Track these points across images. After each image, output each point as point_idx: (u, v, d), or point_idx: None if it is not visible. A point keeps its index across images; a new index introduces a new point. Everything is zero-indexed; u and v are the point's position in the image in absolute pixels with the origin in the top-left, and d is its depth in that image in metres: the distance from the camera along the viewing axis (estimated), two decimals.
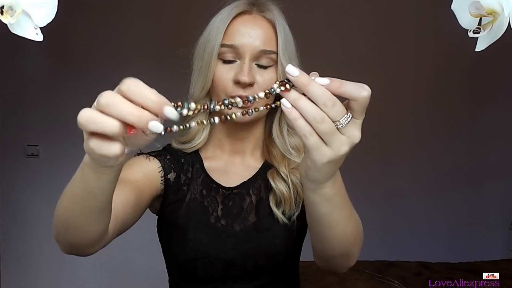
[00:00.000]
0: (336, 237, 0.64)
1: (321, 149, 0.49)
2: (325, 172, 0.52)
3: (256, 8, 0.91)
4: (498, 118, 3.10)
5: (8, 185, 2.83)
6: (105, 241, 0.71)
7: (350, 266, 0.76)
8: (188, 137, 0.96)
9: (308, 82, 0.47)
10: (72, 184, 0.58)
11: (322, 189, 0.56)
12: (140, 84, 0.44)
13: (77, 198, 0.59)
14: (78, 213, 0.61)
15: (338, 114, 0.48)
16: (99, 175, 0.54)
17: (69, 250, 0.70)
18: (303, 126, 0.48)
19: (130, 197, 0.80)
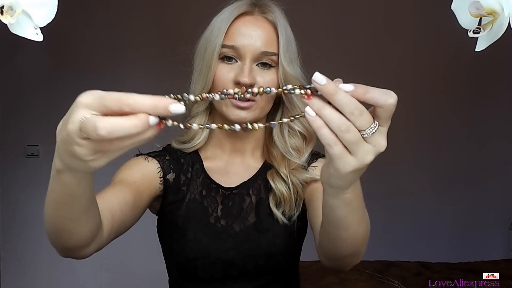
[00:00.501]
0: (350, 238, 0.64)
1: (346, 158, 0.47)
2: (348, 180, 0.51)
3: (258, 9, 0.90)
4: (498, 118, 3.10)
5: (8, 185, 2.83)
6: (101, 242, 0.70)
7: (356, 264, 0.76)
8: (188, 137, 0.96)
9: (335, 90, 0.45)
10: (51, 192, 0.57)
11: (343, 195, 0.55)
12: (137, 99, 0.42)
13: (60, 204, 0.57)
14: (65, 217, 0.60)
15: (365, 123, 0.46)
16: (77, 178, 0.52)
17: (65, 253, 0.69)
18: (328, 135, 0.46)
19: (128, 198, 0.80)
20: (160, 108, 0.42)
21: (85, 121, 0.42)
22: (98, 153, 0.45)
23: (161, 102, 0.42)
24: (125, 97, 0.42)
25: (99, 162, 0.46)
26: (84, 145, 0.44)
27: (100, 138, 0.42)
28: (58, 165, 0.50)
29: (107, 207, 0.71)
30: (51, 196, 0.57)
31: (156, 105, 0.42)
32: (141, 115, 0.42)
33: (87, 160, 0.45)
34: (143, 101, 0.42)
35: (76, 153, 0.45)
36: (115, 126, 0.41)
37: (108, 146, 0.44)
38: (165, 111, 0.42)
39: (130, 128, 0.42)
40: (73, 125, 0.44)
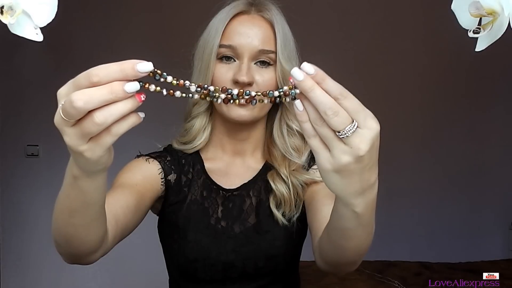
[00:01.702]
0: (352, 248, 0.63)
1: (323, 153, 0.48)
2: (341, 185, 0.49)
3: (254, 8, 0.90)
4: (498, 118, 3.10)
5: (8, 185, 2.83)
6: (107, 248, 0.71)
7: (351, 271, 0.76)
8: (189, 137, 0.96)
9: (311, 88, 0.45)
10: (66, 199, 0.58)
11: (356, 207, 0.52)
12: (103, 67, 0.43)
13: (74, 211, 0.58)
14: (78, 225, 0.60)
15: (339, 124, 0.45)
16: (96, 182, 0.53)
17: (72, 260, 0.70)
18: (307, 128, 0.47)
19: (130, 201, 0.80)
20: (127, 69, 0.43)
21: (63, 104, 0.43)
22: (86, 139, 0.45)
23: (127, 63, 0.43)
24: (92, 69, 0.43)
25: (94, 151, 0.46)
26: (71, 133, 0.45)
27: (78, 111, 0.42)
28: (75, 171, 0.52)
29: (111, 212, 0.71)
30: (64, 204, 0.58)
31: (123, 68, 0.43)
32: (114, 82, 0.43)
33: (82, 152, 0.46)
34: (109, 67, 0.43)
35: (69, 146, 0.46)
36: (90, 95, 0.42)
37: (91, 127, 0.44)
38: (133, 71, 0.43)
39: (104, 95, 0.42)
40: (57, 116, 0.45)
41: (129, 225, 0.80)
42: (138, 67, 0.43)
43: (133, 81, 0.44)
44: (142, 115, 0.46)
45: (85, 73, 0.43)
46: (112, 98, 0.43)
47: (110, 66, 0.43)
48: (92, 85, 0.43)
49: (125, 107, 0.44)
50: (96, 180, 0.53)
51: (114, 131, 0.45)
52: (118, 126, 0.45)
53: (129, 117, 0.45)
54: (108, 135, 0.45)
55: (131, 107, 0.44)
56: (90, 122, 0.43)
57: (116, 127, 0.45)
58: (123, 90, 0.43)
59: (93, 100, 0.42)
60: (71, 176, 0.53)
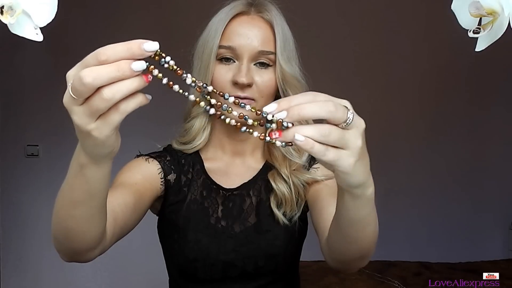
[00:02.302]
0: (365, 237, 0.63)
1: (342, 155, 0.48)
2: (360, 171, 0.50)
3: (254, 8, 0.90)
4: (498, 118, 3.10)
5: (8, 185, 2.83)
6: (105, 246, 0.71)
7: (363, 266, 0.75)
8: (188, 137, 0.96)
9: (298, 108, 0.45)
10: (69, 191, 0.58)
11: (367, 190, 0.54)
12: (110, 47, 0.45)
13: (77, 203, 0.59)
14: (80, 217, 0.60)
15: (343, 115, 0.46)
16: (101, 171, 0.54)
17: (70, 257, 0.70)
18: (319, 148, 0.46)
19: (129, 200, 0.80)
20: (134, 48, 0.44)
21: (72, 82, 0.45)
22: (95, 117, 0.46)
23: (134, 42, 0.44)
24: (100, 49, 0.44)
25: (102, 131, 0.47)
26: (80, 112, 0.46)
27: (87, 87, 0.43)
28: (82, 159, 0.53)
29: (109, 211, 0.71)
30: (67, 196, 0.59)
31: (130, 47, 0.44)
32: (122, 60, 0.44)
33: (89, 131, 0.47)
34: (117, 47, 0.44)
35: (78, 126, 0.47)
36: (98, 72, 0.43)
37: (99, 103, 0.44)
38: (140, 50, 0.44)
39: (111, 72, 0.43)
40: (66, 95, 0.46)
41: (127, 224, 0.80)
42: (144, 46, 0.44)
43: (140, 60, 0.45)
44: (149, 97, 0.47)
45: (93, 53, 0.45)
46: (119, 75, 0.44)
47: (117, 45, 0.44)
48: (99, 64, 0.44)
49: (132, 85, 0.45)
50: (102, 168, 0.54)
51: (122, 108, 0.46)
52: (126, 103, 0.46)
53: (137, 96, 0.46)
54: (116, 112, 0.46)
55: (138, 85, 0.45)
56: (98, 99, 0.44)
57: (124, 105, 0.46)
58: (130, 68, 0.44)
59: (101, 76, 0.43)
60: (77, 165, 0.54)
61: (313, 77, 0.95)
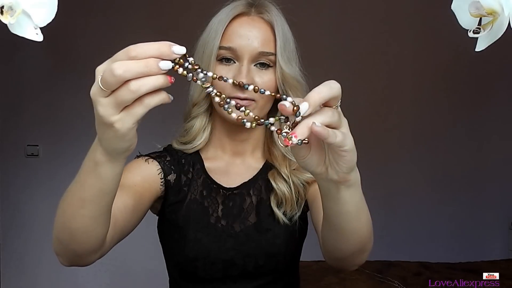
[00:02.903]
0: (362, 227, 0.64)
1: (345, 133, 0.50)
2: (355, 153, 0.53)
3: (254, 9, 0.90)
4: (498, 119, 3.10)
5: (8, 185, 2.83)
6: (104, 249, 0.71)
7: (362, 263, 0.75)
8: (189, 137, 0.96)
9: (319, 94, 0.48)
10: (79, 189, 0.59)
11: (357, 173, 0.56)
12: (142, 45, 0.48)
13: (87, 201, 0.59)
14: (87, 217, 0.61)
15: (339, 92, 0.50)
16: (116, 169, 0.56)
17: (70, 261, 0.70)
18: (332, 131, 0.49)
19: (129, 202, 0.81)
20: (163, 48, 0.47)
21: (103, 74, 0.47)
22: (120, 109, 0.48)
23: (164, 43, 0.48)
24: (131, 46, 0.48)
25: (125, 122, 0.49)
26: (106, 103, 0.48)
27: (117, 78, 0.46)
28: (98, 157, 0.55)
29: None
30: (77, 195, 0.60)
31: (160, 47, 0.47)
32: (151, 58, 0.47)
33: (113, 122, 0.49)
34: (148, 46, 0.47)
35: (102, 117, 0.49)
36: (129, 65, 0.46)
37: (125, 94, 0.47)
38: (169, 52, 0.47)
39: (140, 67, 0.47)
40: (94, 87, 0.49)
41: (127, 226, 0.81)
42: (173, 48, 0.48)
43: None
44: (172, 98, 0.51)
45: (124, 50, 0.48)
46: (147, 71, 0.47)
47: (148, 44, 0.47)
48: (129, 59, 0.47)
49: (157, 81, 0.48)
50: (116, 166, 0.56)
51: (146, 102, 0.48)
52: (150, 98, 0.49)
53: (160, 93, 0.49)
54: (140, 105, 0.49)
55: (163, 82, 0.48)
56: (125, 90, 0.47)
57: (148, 99, 0.49)
58: (157, 66, 0.47)
59: (131, 69, 0.46)
60: (92, 161, 0.56)
61: (313, 77, 0.95)
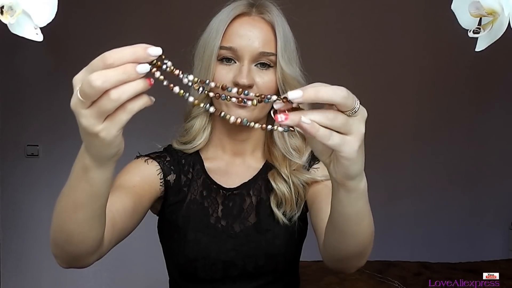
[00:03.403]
0: (363, 232, 0.64)
1: (347, 141, 0.49)
2: (360, 159, 0.52)
3: (255, 9, 0.90)
4: (498, 118, 3.10)
5: (8, 185, 2.83)
6: (102, 251, 0.71)
7: (361, 266, 0.75)
8: (189, 137, 0.96)
9: (317, 89, 0.47)
10: (72, 194, 0.58)
11: (361, 182, 0.56)
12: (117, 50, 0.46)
13: (79, 205, 0.59)
14: (81, 220, 0.61)
15: (352, 102, 0.48)
16: (105, 173, 0.55)
17: (68, 263, 0.69)
18: (324, 132, 0.48)
19: (128, 204, 0.80)
20: (139, 52, 0.46)
21: (81, 86, 0.47)
22: (103, 118, 0.48)
23: (139, 46, 0.47)
24: (106, 53, 0.47)
25: (110, 131, 0.49)
26: (88, 114, 0.47)
27: (96, 90, 0.45)
28: (87, 162, 0.54)
29: (107, 216, 0.71)
30: (69, 199, 0.59)
31: (136, 51, 0.46)
32: (128, 64, 0.46)
33: (97, 132, 0.48)
34: (123, 51, 0.46)
35: (85, 128, 0.48)
36: (107, 75, 0.45)
37: (107, 103, 0.46)
38: (145, 54, 0.46)
39: (119, 74, 0.46)
40: (74, 98, 0.48)
41: (126, 228, 0.80)
42: (149, 50, 0.46)
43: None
44: (153, 99, 0.50)
45: (99, 57, 0.47)
46: (125, 78, 0.46)
47: (123, 49, 0.46)
48: (106, 67, 0.46)
49: (137, 86, 0.47)
50: (106, 170, 0.55)
51: (129, 108, 0.48)
52: (133, 103, 0.48)
53: (142, 97, 0.49)
54: (123, 112, 0.48)
55: (143, 86, 0.47)
56: (106, 100, 0.46)
57: (131, 105, 0.48)
58: (135, 71, 0.46)
59: (109, 79, 0.45)
60: (81, 167, 0.55)
61: (313, 77, 0.95)
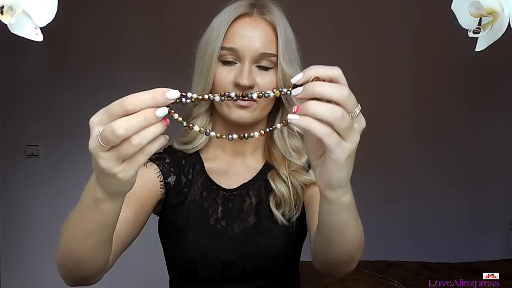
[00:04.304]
0: (348, 242, 0.64)
1: (342, 145, 0.49)
2: (347, 169, 0.52)
3: (256, 10, 0.90)
4: (498, 118, 3.10)
5: (8, 185, 2.83)
6: (109, 266, 0.72)
7: (350, 271, 0.76)
8: (189, 137, 0.96)
9: (323, 84, 0.47)
10: (82, 222, 0.59)
11: (344, 196, 0.55)
12: (136, 96, 0.47)
13: (90, 234, 0.60)
14: (92, 246, 0.62)
15: (353, 104, 0.48)
16: (117, 204, 0.56)
17: (76, 283, 0.71)
18: (321, 128, 0.47)
19: (129, 214, 0.80)
20: (158, 97, 0.47)
21: (102, 132, 0.48)
22: (121, 160, 0.49)
23: (158, 91, 0.47)
24: (125, 99, 0.47)
25: (128, 172, 0.50)
26: (107, 157, 0.49)
27: (120, 138, 0.47)
28: (99, 195, 0.55)
29: None
30: (79, 227, 0.60)
31: (154, 96, 0.47)
32: (147, 109, 0.47)
33: (115, 173, 0.50)
34: (142, 96, 0.47)
35: (104, 169, 0.49)
36: (129, 122, 0.47)
37: (128, 149, 0.48)
38: (163, 99, 0.47)
39: (141, 121, 0.47)
40: (93, 142, 0.49)
41: (129, 238, 0.81)
42: (167, 94, 0.47)
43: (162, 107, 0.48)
44: (167, 138, 0.51)
45: (118, 102, 0.48)
46: (146, 123, 0.47)
47: (142, 94, 0.47)
48: (126, 113, 0.47)
49: (156, 130, 0.48)
50: (118, 202, 0.56)
51: (147, 150, 0.49)
52: (151, 146, 0.49)
53: (159, 138, 0.50)
54: (142, 154, 0.49)
55: (161, 129, 0.49)
56: (127, 145, 0.48)
57: (149, 147, 0.49)
58: (155, 116, 0.47)
59: (132, 127, 0.47)
60: (92, 199, 0.56)
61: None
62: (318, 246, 0.69)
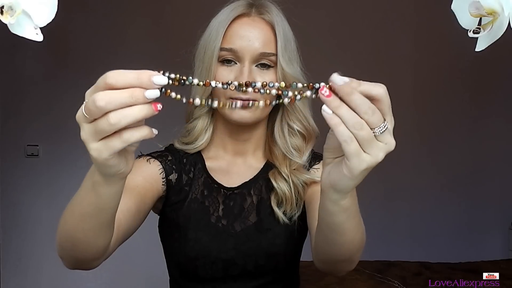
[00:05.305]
0: (346, 242, 0.64)
1: (361, 155, 0.49)
2: (358, 180, 0.52)
3: (255, 9, 0.90)
4: (498, 118, 3.10)
5: (8, 185, 2.83)
6: (108, 253, 0.72)
7: (350, 270, 0.76)
8: (191, 138, 0.96)
9: (352, 91, 0.47)
10: (80, 204, 0.59)
11: (344, 200, 0.56)
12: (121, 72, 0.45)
13: (87, 216, 0.60)
14: (88, 229, 0.62)
15: (377, 121, 0.48)
16: (112, 189, 0.55)
17: (74, 265, 0.70)
18: (345, 132, 0.48)
19: (131, 205, 0.81)
20: (143, 78, 0.45)
21: (86, 102, 0.46)
22: (98, 137, 0.47)
23: (144, 73, 0.45)
24: (109, 72, 0.46)
25: (101, 153, 0.48)
26: (86, 129, 0.47)
27: (99, 110, 0.45)
28: (96, 177, 0.54)
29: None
30: (77, 209, 0.60)
31: (140, 77, 0.45)
32: (136, 88, 0.45)
33: (90, 149, 0.48)
34: (126, 73, 0.45)
35: (83, 139, 0.48)
36: (111, 96, 0.44)
37: (103, 124, 0.45)
38: (149, 82, 0.45)
39: (125, 97, 0.44)
40: (79, 112, 0.48)
41: (130, 229, 0.81)
42: (154, 79, 0.45)
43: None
44: (155, 132, 0.48)
45: (103, 77, 0.46)
46: (131, 101, 0.45)
47: (127, 72, 0.45)
48: (108, 87, 0.45)
49: (140, 112, 0.45)
50: (113, 186, 0.55)
51: (124, 136, 0.47)
52: (130, 133, 0.47)
53: (142, 128, 0.47)
54: (118, 139, 0.47)
55: (146, 113, 0.46)
56: (104, 121, 0.45)
57: (128, 134, 0.47)
58: (144, 96, 0.45)
59: (114, 101, 0.45)
60: (90, 181, 0.55)
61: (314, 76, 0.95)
62: (318, 242, 0.70)
